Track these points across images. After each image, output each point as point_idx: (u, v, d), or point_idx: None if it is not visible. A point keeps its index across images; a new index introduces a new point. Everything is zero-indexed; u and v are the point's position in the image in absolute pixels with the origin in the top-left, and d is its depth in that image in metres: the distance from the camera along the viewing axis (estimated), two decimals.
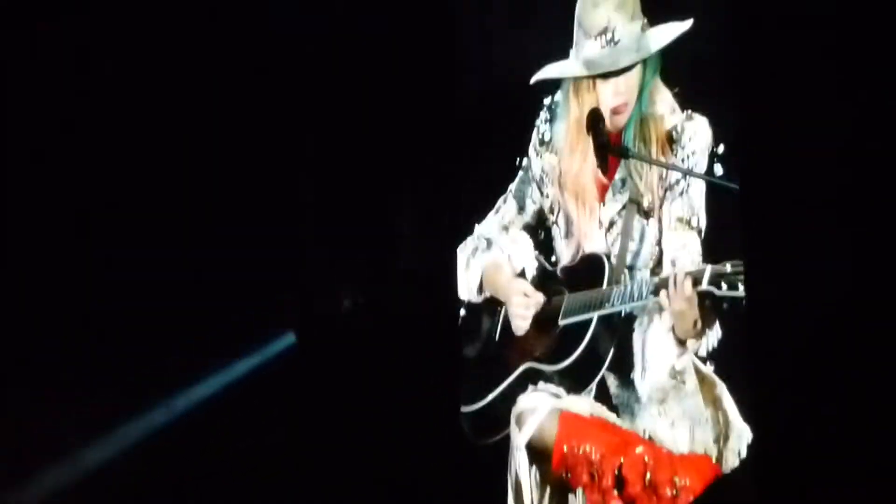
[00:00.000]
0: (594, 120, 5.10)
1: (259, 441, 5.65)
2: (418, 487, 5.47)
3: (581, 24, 5.15)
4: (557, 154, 5.27)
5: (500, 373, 5.24)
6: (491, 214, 5.43)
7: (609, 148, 5.10)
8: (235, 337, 5.63)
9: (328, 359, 5.65)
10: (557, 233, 5.29)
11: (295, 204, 5.86)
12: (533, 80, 5.29)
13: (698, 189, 4.98)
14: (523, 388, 5.17)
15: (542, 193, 5.33)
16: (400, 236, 5.75)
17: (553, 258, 5.31)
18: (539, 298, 5.24)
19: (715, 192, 4.93)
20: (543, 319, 5.21)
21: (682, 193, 4.99)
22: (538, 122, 5.35)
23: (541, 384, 5.14)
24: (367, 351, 5.59)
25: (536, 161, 5.34)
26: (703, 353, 4.95)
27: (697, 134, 4.98)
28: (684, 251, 4.95)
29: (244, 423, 5.67)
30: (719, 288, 4.78)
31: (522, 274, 5.33)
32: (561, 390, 5.11)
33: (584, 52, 5.13)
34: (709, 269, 4.81)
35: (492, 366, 5.29)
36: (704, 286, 4.80)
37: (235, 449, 5.60)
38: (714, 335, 4.94)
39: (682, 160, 5.00)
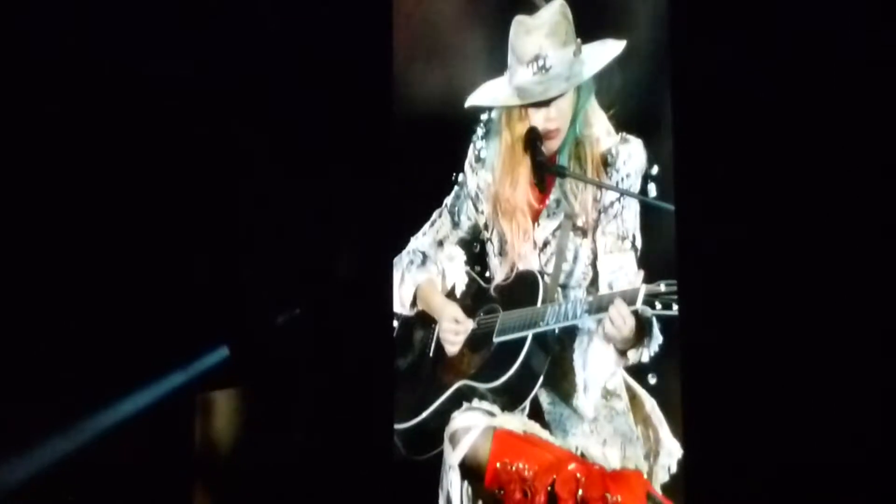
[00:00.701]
0: (532, 139, 5.14)
1: (192, 454, 5.64)
2: (351, 502, 5.48)
3: (514, 50, 5.19)
4: (492, 172, 5.30)
5: (434, 390, 5.27)
6: (426, 227, 5.45)
7: (546, 167, 5.15)
8: (169, 349, 5.62)
9: (262, 372, 5.66)
10: (491, 250, 5.31)
11: (231, 216, 5.86)
12: (467, 105, 5.33)
13: (633, 211, 4.99)
14: (457, 406, 5.21)
15: (476, 209, 5.35)
16: (336, 249, 5.76)
17: (487, 273, 5.33)
18: (469, 325, 5.28)
19: (650, 213, 4.95)
20: (477, 337, 5.25)
21: (616, 216, 5.01)
22: (475, 137, 5.37)
23: (475, 401, 5.17)
24: (302, 364, 5.59)
25: (472, 177, 5.37)
26: (645, 359, 4.95)
27: (632, 156, 4.99)
28: (621, 273, 4.97)
29: (179, 435, 5.66)
30: (653, 307, 4.85)
31: (454, 291, 5.36)
32: (495, 408, 5.14)
33: (517, 77, 5.17)
34: (643, 288, 4.88)
35: (426, 383, 5.32)
36: (639, 305, 4.87)
37: (168, 461, 5.59)
38: (655, 343, 4.94)
39: (617, 183, 5.02)
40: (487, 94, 5.30)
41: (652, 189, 4.94)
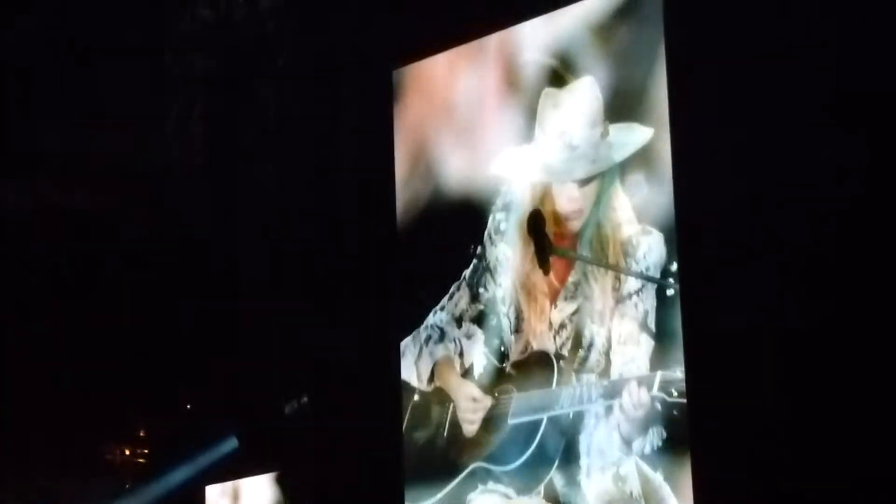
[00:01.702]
0: (535, 221, 5.13)
1: None
2: None
3: (541, 123, 5.16)
4: (512, 246, 5.27)
5: (448, 471, 5.26)
6: (444, 300, 5.43)
7: (551, 250, 5.12)
8: (179, 441, 5.63)
9: (272, 459, 5.67)
10: (507, 325, 5.28)
11: (235, 303, 5.88)
12: (492, 171, 5.31)
13: (650, 304, 4.88)
14: (472, 488, 5.21)
15: (495, 282, 5.32)
16: (341, 336, 5.77)
17: (503, 349, 5.30)
18: (487, 402, 5.26)
19: (665, 304, 4.87)
20: (492, 419, 5.23)
21: (634, 306, 4.92)
22: (494, 209, 5.34)
23: (490, 484, 5.17)
24: (311, 450, 5.60)
25: (491, 249, 5.33)
26: (647, 451, 4.91)
27: (652, 249, 4.87)
28: (633, 365, 4.91)
29: None
30: (670, 395, 4.81)
31: (472, 370, 5.34)
32: (510, 491, 5.13)
33: (543, 151, 5.15)
34: (659, 374, 4.84)
35: (439, 464, 5.31)
36: (655, 392, 4.84)
37: None
38: (658, 434, 4.92)
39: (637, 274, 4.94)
40: (513, 164, 5.27)
41: (670, 284, 4.87)
